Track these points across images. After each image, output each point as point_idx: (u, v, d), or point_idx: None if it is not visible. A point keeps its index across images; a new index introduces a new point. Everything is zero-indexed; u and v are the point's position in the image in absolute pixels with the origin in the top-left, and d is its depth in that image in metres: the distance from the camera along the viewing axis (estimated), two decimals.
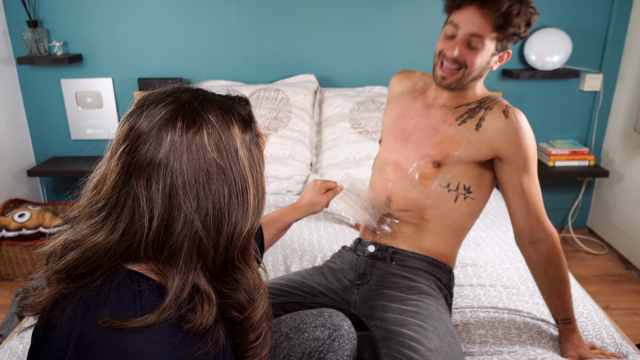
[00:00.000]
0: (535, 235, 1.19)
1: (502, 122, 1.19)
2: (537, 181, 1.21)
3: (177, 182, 0.61)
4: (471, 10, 1.12)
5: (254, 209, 0.66)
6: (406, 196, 1.27)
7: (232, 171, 0.63)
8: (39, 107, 2.63)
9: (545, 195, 2.82)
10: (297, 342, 1.03)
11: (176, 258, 0.62)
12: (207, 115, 0.63)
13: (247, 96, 0.73)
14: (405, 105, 1.33)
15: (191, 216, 0.61)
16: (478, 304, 1.40)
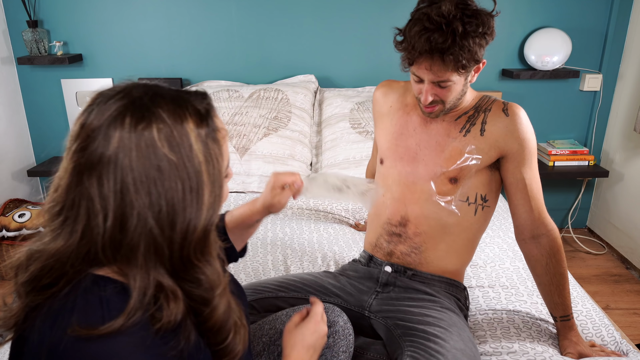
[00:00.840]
0: (537, 230, 1.20)
1: (504, 120, 1.19)
2: (538, 175, 1.21)
3: (127, 179, 0.59)
4: (427, 64, 1.09)
5: (209, 205, 0.64)
6: (427, 216, 1.24)
7: (185, 167, 0.62)
8: (39, 107, 2.63)
9: (545, 195, 2.82)
10: None
11: (135, 257, 0.61)
12: (158, 110, 0.62)
13: (205, 90, 0.72)
14: (400, 122, 1.29)
15: (144, 213, 0.60)
16: (476, 307, 1.40)
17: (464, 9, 1.06)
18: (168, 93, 0.66)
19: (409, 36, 1.08)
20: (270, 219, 2.00)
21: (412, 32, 1.07)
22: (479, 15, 1.07)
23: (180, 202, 0.61)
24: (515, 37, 2.54)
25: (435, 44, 1.04)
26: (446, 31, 1.04)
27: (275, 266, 1.63)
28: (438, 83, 1.12)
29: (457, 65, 1.07)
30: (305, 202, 2.15)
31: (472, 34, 1.05)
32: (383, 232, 1.30)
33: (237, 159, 2.27)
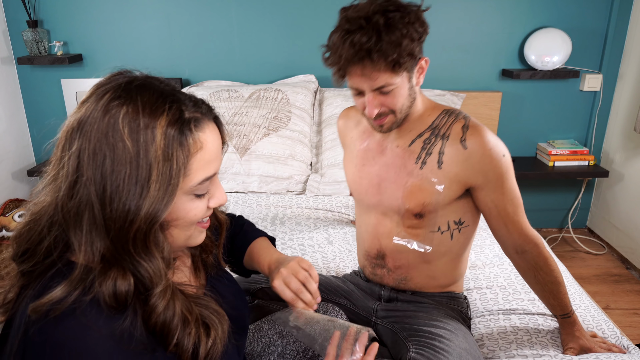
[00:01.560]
0: (519, 247, 1.15)
1: (463, 154, 1.08)
2: (513, 193, 1.12)
3: (84, 147, 0.62)
4: (358, 70, 0.99)
5: (153, 203, 0.63)
6: (401, 250, 1.20)
7: (138, 156, 0.62)
8: (39, 107, 2.63)
9: (545, 195, 2.83)
10: (291, 339, 1.03)
11: (80, 225, 0.63)
12: (137, 97, 0.64)
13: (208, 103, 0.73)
14: (360, 153, 1.22)
15: (89, 185, 0.62)
16: (473, 309, 1.40)
17: (385, 2, 0.97)
18: (161, 88, 0.67)
19: (333, 46, 0.99)
20: (270, 218, 2.00)
21: (334, 40, 0.98)
22: (402, 6, 0.98)
23: (123, 187, 0.63)
24: (515, 37, 2.54)
25: (360, 45, 0.94)
26: (368, 28, 0.94)
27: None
28: (379, 90, 1.01)
29: (389, 62, 0.96)
30: (305, 200, 2.15)
31: (398, 24, 0.95)
32: (367, 263, 1.29)
33: (237, 159, 2.27)
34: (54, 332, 0.59)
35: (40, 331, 0.59)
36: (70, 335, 0.59)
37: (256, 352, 1.02)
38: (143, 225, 0.64)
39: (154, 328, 0.66)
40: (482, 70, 2.59)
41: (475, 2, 2.48)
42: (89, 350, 0.60)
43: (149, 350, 0.64)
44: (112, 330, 0.61)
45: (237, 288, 0.96)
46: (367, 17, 0.95)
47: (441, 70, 2.58)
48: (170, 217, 0.68)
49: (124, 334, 0.62)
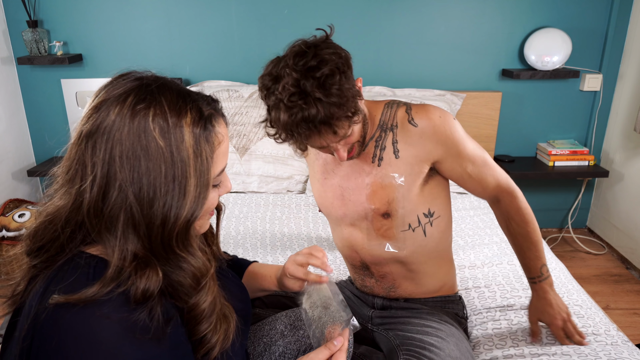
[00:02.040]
0: (494, 198, 1.19)
1: (415, 132, 1.08)
2: (475, 152, 1.12)
3: (115, 151, 0.63)
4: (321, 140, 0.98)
5: (193, 198, 0.66)
6: (380, 260, 1.19)
7: (172, 154, 0.65)
8: (39, 107, 2.63)
9: (545, 195, 2.83)
10: (292, 339, 1.03)
11: (114, 228, 0.64)
12: (160, 97, 0.66)
13: (216, 98, 0.76)
14: (320, 167, 1.20)
15: (125, 187, 0.63)
16: (471, 308, 1.40)
17: (306, 64, 0.92)
18: (177, 87, 0.70)
19: (282, 127, 0.96)
20: (269, 218, 2.00)
21: (283, 122, 0.94)
22: (322, 59, 0.92)
23: (161, 187, 0.64)
24: (515, 37, 2.54)
25: (313, 120, 0.92)
26: (309, 104, 0.91)
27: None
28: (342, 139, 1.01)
29: (347, 119, 0.95)
30: (304, 199, 2.15)
31: (330, 80, 0.91)
32: (355, 275, 1.29)
33: (237, 159, 2.27)
34: (68, 321, 0.60)
35: (53, 319, 0.61)
36: (85, 324, 0.61)
37: (257, 352, 1.02)
38: (185, 222, 0.66)
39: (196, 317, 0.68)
40: (482, 70, 2.59)
41: (475, 2, 2.48)
42: (99, 339, 0.61)
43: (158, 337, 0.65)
44: (126, 322, 0.63)
45: (240, 283, 0.97)
46: (302, 92, 0.91)
47: (441, 70, 2.58)
48: None
49: (138, 324, 0.63)
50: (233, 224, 1.95)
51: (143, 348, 0.63)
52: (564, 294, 1.42)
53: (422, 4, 2.48)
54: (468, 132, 1.17)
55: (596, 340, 1.22)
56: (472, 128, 2.56)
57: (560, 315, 1.18)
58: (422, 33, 2.52)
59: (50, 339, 0.60)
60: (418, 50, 2.55)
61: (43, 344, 0.61)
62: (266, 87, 0.99)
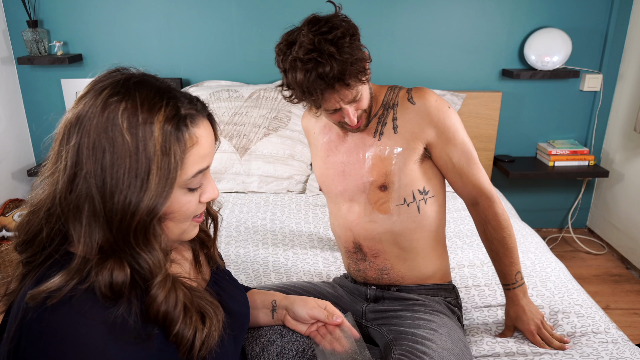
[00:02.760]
0: (474, 199, 1.22)
1: (412, 110, 1.17)
2: (465, 146, 1.19)
3: (84, 141, 0.64)
4: (334, 96, 1.08)
5: (153, 197, 0.66)
6: (374, 235, 1.23)
7: (137, 149, 0.64)
8: (39, 107, 2.63)
9: (545, 195, 2.83)
10: (290, 339, 1.03)
11: (80, 217, 0.65)
12: (135, 93, 0.66)
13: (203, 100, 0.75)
14: (324, 146, 1.28)
15: (89, 178, 0.64)
16: (472, 305, 1.40)
17: (319, 29, 1.03)
18: (158, 85, 0.69)
19: (299, 87, 1.05)
20: (269, 218, 2.00)
21: (299, 81, 1.03)
22: (334, 25, 1.04)
23: (123, 181, 0.64)
24: (515, 37, 2.54)
25: (327, 76, 1.02)
26: (324, 60, 1.01)
27: (275, 268, 1.63)
28: (353, 100, 1.11)
29: (357, 78, 1.06)
30: (304, 199, 2.15)
31: (345, 43, 1.03)
32: (349, 260, 1.31)
33: (237, 159, 2.27)
34: (50, 319, 0.61)
35: (37, 318, 0.61)
36: (66, 322, 0.61)
37: (255, 352, 1.02)
38: (144, 218, 0.66)
39: (156, 317, 0.68)
40: (482, 70, 2.59)
41: (475, 2, 2.48)
42: (84, 338, 0.61)
43: (143, 339, 0.66)
44: (106, 319, 0.63)
45: (238, 285, 0.97)
46: (319, 51, 1.01)
47: (441, 70, 2.58)
48: (167, 210, 0.70)
49: (117, 323, 0.64)
50: (233, 224, 1.95)
51: (129, 349, 0.64)
52: (564, 294, 1.42)
53: (422, 4, 2.48)
54: (468, 132, 1.20)
55: (596, 338, 1.22)
56: (472, 128, 2.56)
57: (534, 321, 1.21)
58: (422, 33, 2.52)
59: (37, 340, 0.61)
60: (418, 50, 2.55)
61: (30, 345, 0.61)
62: (282, 51, 1.07)
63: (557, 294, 1.43)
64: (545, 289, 1.46)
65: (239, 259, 1.68)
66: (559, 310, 1.35)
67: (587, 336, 1.23)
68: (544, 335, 1.20)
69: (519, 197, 2.80)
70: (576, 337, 1.24)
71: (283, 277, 1.58)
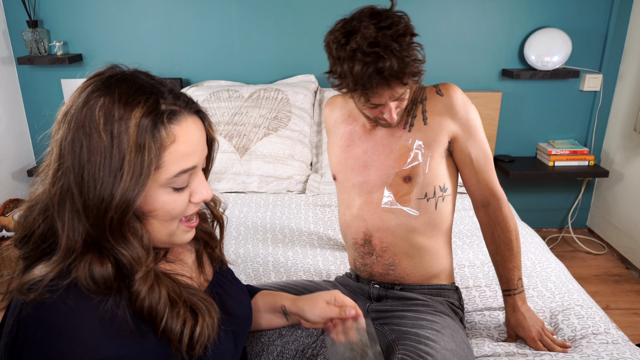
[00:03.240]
0: (485, 199, 1.23)
1: (441, 101, 1.20)
2: (484, 145, 1.22)
3: (66, 136, 0.65)
4: (388, 92, 1.09)
5: (126, 190, 0.65)
6: (388, 227, 1.22)
7: (112, 145, 0.65)
8: (39, 107, 2.63)
9: (545, 195, 2.83)
10: (290, 339, 1.03)
11: (63, 211, 0.66)
12: (115, 89, 0.66)
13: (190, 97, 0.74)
14: (345, 135, 1.28)
15: (68, 172, 0.65)
16: (473, 307, 1.40)
17: (379, 23, 1.04)
18: (142, 81, 0.69)
19: (353, 78, 1.05)
20: (269, 218, 2.00)
21: (355, 72, 1.04)
22: (394, 21, 1.06)
23: (98, 176, 0.65)
24: (515, 37, 2.54)
25: (386, 71, 1.03)
26: (387, 55, 1.02)
27: (275, 268, 1.63)
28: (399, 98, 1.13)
29: (413, 78, 1.08)
30: (304, 199, 2.15)
31: (405, 41, 1.05)
32: (356, 254, 1.30)
33: (237, 159, 2.27)
34: (45, 314, 0.62)
35: (32, 313, 0.62)
36: (60, 317, 0.62)
37: (255, 352, 1.02)
38: (117, 213, 0.66)
39: (141, 312, 0.68)
40: (482, 70, 2.59)
41: (475, 2, 2.48)
42: (78, 332, 0.62)
43: (137, 335, 0.66)
44: (97, 313, 0.64)
45: (241, 286, 0.97)
46: (383, 44, 1.02)
47: (441, 70, 2.58)
48: (147, 208, 0.70)
49: (107, 316, 0.64)
50: (234, 224, 1.95)
51: (123, 343, 0.64)
52: (565, 294, 1.42)
53: (422, 4, 2.48)
54: None
55: (597, 339, 1.22)
56: None
57: (535, 328, 1.21)
58: (422, 33, 2.51)
59: (33, 335, 0.62)
60: None
61: (26, 340, 0.62)
62: (337, 40, 1.07)
63: (558, 294, 1.43)
64: (545, 289, 1.46)
65: (239, 258, 1.68)
66: (559, 312, 1.34)
67: (587, 338, 1.23)
68: (545, 341, 1.20)
69: (519, 197, 2.80)
70: (577, 339, 1.23)
71: (283, 276, 1.58)
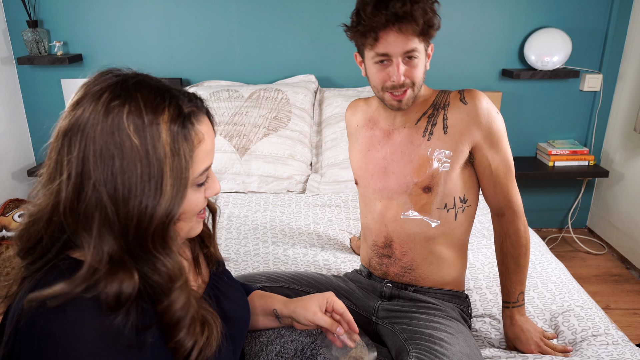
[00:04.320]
0: (501, 210, 1.22)
1: (464, 110, 1.16)
2: (507, 155, 1.19)
3: (89, 149, 0.62)
4: (392, 35, 1.07)
5: (170, 198, 0.65)
6: (409, 233, 1.22)
7: (147, 152, 0.63)
8: (39, 107, 2.63)
9: (545, 195, 2.83)
10: (289, 338, 1.02)
11: (90, 227, 0.63)
12: (136, 94, 0.65)
13: (202, 97, 0.74)
14: (365, 140, 1.28)
15: (99, 186, 0.62)
16: (474, 313, 1.39)
17: None
18: (156, 84, 0.68)
19: (365, 17, 1.07)
20: (269, 218, 2.00)
21: (368, 11, 1.06)
22: None
23: (137, 186, 0.63)
24: (515, 37, 2.54)
25: (397, 10, 1.03)
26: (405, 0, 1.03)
27: (276, 267, 1.63)
28: (407, 55, 1.09)
29: (421, 25, 1.06)
30: (304, 199, 2.15)
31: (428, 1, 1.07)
32: (373, 254, 1.30)
33: (237, 159, 2.27)
34: (44, 325, 0.60)
35: (30, 323, 0.60)
36: (59, 328, 0.60)
37: (254, 352, 1.02)
38: (161, 222, 0.65)
39: (169, 322, 0.67)
40: (482, 70, 2.59)
41: (475, 2, 2.48)
42: (76, 344, 0.60)
43: (136, 347, 0.65)
44: (100, 327, 0.62)
45: (238, 287, 0.96)
46: None
47: (441, 70, 2.58)
48: (181, 210, 0.69)
49: (111, 331, 0.62)
50: (234, 224, 1.94)
51: (121, 356, 0.63)
52: (565, 294, 1.42)
53: None
54: None
55: (597, 340, 1.22)
56: None
57: (533, 340, 1.19)
58: None
59: (30, 346, 0.60)
60: None
61: (23, 350, 0.60)
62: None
63: (558, 294, 1.43)
64: (545, 290, 1.46)
65: (239, 258, 1.68)
66: (559, 313, 1.34)
67: (587, 340, 1.23)
68: (545, 351, 1.19)
69: None
70: (577, 342, 1.23)
71: None
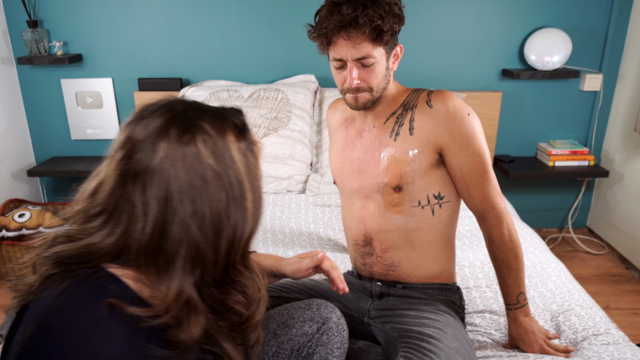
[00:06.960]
0: (480, 214, 1.20)
1: (429, 113, 1.14)
2: (480, 158, 1.14)
3: (171, 187, 0.62)
4: (342, 41, 1.08)
5: (252, 214, 0.67)
6: (386, 230, 1.22)
7: (228, 176, 0.65)
8: (39, 107, 2.63)
9: (545, 195, 2.83)
10: (285, 338, 1.02)
11: (172, 263, 0.63)
12: (201, 123, 0.65)
13: (240, 107, 0.76)
14: (341, 139, 1.29)
15: (187, 221, 0.62)
16: (474, 309, 1.40)
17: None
18: (208, 108, 0.69)
19: (320, 19, 1.10)
20: (269, 218, 2.00)
21: (323, 15, 1.08)
22: None
23: (224, 210, 0.64)
24: (515, 37, 2.54)
25: (346, 15, 1.04)
26: (354, 1, 1.04)
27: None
28: (360, 61, 1.09)
29: (372, 30, 1.05)
30: (304, 199, 2.15)
31: (382, 1, 1.06)
32: (356, 254, 1.30)
33: None
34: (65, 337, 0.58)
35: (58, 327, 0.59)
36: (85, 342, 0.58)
37: None
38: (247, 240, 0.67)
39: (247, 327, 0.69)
40: (482, 70, 2.59)
41: (475, 2, 2.48)
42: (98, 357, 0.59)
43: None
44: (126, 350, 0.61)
45: None
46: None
47: (441, 70, 2.58)
48: None
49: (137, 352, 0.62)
50: None
51: None
52: (565, 294, 1.42)
53: (422, 4, 2.48)
54: None
55: (597, 340, 1.22)
56: None
57: (537, 342, 1.19)
58: (422, 33, 2.52)
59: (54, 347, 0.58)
60: (418, 51, 2.55)
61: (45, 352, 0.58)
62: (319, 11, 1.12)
63: (558, 294, 1.43)
64: (545, 290, 1.46)
65: None
66: (560, 313, 1.34)
67: (588, 339, 1.23)
68: (548, 352, 1.18)
69: (519, 197, 2.80)
70: (578, 342, 1.23)
71: None
